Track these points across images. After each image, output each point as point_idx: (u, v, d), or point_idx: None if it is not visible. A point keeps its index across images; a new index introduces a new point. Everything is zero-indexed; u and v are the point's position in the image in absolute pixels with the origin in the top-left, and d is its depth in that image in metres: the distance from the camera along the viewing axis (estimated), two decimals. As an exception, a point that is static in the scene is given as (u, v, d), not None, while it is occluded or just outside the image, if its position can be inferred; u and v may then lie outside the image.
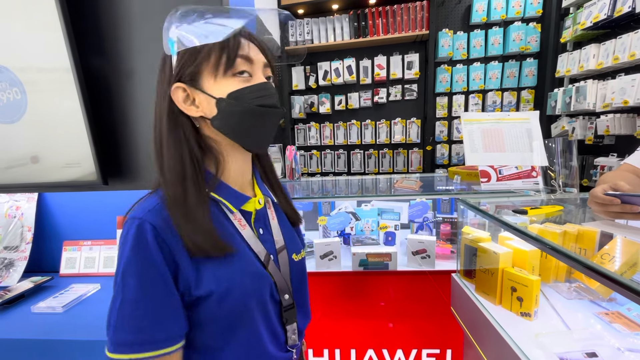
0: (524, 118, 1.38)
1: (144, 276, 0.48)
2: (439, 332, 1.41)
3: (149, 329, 0.48)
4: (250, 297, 0.54)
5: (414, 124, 3.10)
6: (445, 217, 1.71)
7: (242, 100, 0.52)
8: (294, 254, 0.65)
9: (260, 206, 0.62)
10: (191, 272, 0.50)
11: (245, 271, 0.55)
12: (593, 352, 0.78)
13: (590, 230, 1.04)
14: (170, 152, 0.53)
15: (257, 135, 0.56)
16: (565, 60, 2.44)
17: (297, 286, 0.65)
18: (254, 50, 0.54)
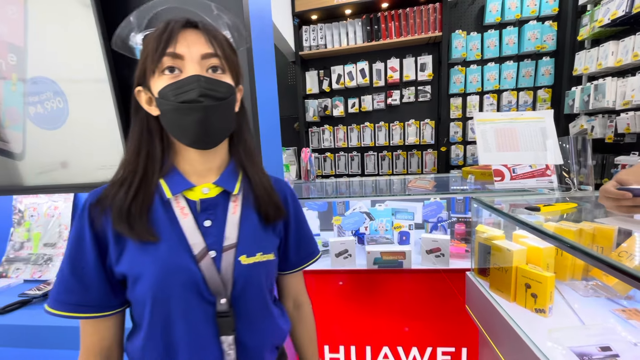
0: (538, 117, 1.38)
1: (73, 246, 0.55)
2: (454, 330, 1.42)
3: (71, 293, 0.54)
4: (160, 289, 0.53)
5: (428, 125, 3.10)
6: (460, 217, 1.71)
7: (166, 98, 0.52)
8: (244, 256, 0.58)
9: (205, 196, 0.59)
10: (116, 249, 0.54)
11: (159, 260, 0.53)
12: (607, 346, 0.78)
13: (607, 227, 1.04)
14: (130, 148, 0.58)
15: (188, 131, 0.54)
16: (583, 58, 2.40)
17: (241, 293, 0.57)
18: (189, 43, 0.53)
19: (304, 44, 3.09)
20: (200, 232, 0.57)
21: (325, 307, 1.49)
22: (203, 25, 0.55)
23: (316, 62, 3.23)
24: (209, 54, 0.54)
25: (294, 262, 0.71)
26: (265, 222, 0.63)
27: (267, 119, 1.13)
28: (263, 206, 0.62)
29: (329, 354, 1.52)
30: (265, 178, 0.65)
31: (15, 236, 1.28)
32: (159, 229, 0.55)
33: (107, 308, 0.56)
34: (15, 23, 0.92)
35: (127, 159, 0.57)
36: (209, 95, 0.52)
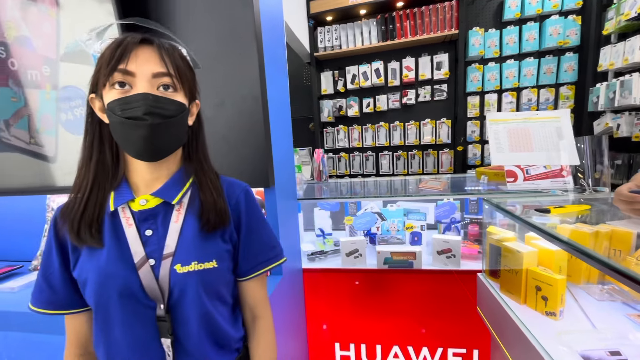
0: (554, 116, 1.35)
1: (44, 255, 0.63)
2: (466, 331, 1.41)
3: (42, 293, 0.63)
4: (99, 294, 0.58)
5: (444, 125, 3.06)
6: (473, 218, 1.70)
7: (113, 112, 0.55)
8: (179, 265, 0.60)
9: (142, 207, 0.61)
10: (73, 257, 0.61)
11: (99, 268, 0.58)
12: (617, 351, 0.77)
13: (625, 230, 1.02)
14: (82, 154, 0.61)
15: (132, 144, 0.56)
16: (608, 54, 2.30)
17: (178, 300, 0.60)
18: (141, 61, 0.55)
19: (319, 45, 3.12)
20: (141, 241, 0.60)
21: (335, 305, 1.52)
22: (159, 43, 0.57)
23: (331, 63, 3.25)
24: (160, 73, 0.56)
25: (246, 269, 0.70)
26: (207, 230, 0.63)
27: (278, 119, 1.17)
28: (205, 213, 0.62)
29: (339, 351, 1.55)
30: (216, 190, 0.65)
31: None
32: (105, 238, 0.59)
33: (74, 306, 0.64)
34: (49, 37, 1.01)
35: (80, 166, 0.61)
36: (155, 113, 0.55)
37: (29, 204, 1.41)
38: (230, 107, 1.02)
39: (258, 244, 0.70)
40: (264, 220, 0.73)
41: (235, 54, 1.00)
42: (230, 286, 0.69)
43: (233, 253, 0.68)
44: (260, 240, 0.70)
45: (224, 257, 0.65)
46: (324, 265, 1.51)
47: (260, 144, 1.02)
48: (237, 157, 1.04)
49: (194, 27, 1.02)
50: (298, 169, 1.81)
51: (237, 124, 1.03)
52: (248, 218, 0.69)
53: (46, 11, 0.99)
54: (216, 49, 1.00)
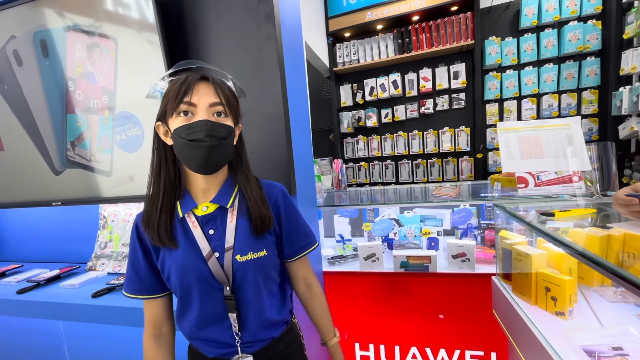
0: (564, 124, 1.40)
1: (130, 253, 0.79)
2: (483, 334, 1.45)
3: (132, 282, 0.79)
4: (182, 281, 0.73)
5: (463, 132, 3.09)
6: (489, 224, 1.74)
7: (179, 135, 0.67)
8: (239, 255, 0.75)
9: (204, 212, 0.76)
10: (155, 253, 0.76)
11: (179, 262, 0.73)
12: (619, 347, 0.81)
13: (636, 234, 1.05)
14: (153, 171, 0.75)
15: (194, 161, 0.69)
16: (630, 57, 2.28)
17: (240, 283, 0.76)
18: (201, 94, 0.68)
19: (337, 60, 3.27)
20: (206, 238, 0.75)
21: (354, 307, 1.60)
22: (213, 79, 0.71)
23: (349, 77, 3.39)
24: (215, 103, 0.69)
25: (290, 253, 0.85)
26: (257, 233, 0.77)
27: (299, 134, 1.31)
28: (254, 220, 0.77)
29: (359, 351, 1.62)
30: (257, 193, 0.79)
31: (100, 237, 1.59)
32: (179, 238, 0.75)
33: (156, 292, 0.80)
34: (108, 72, 1.21)
35: (152, 181, 0.75)
36: (213, 135, 0.68)
37: (84, 212, 1.63)
38: (258, 126, 1.16)
39: (296, 233, 0.85)
40: (299, 214, 0.87)
41: (262, 80, 1.15)
42: (278, 267, 0.84)
43: (277, 242, 0.83)
44: (298, 230, 0.86)
45: (271, 247, 0.80)
46: (343, 269, 1.61)
47: (283, 157, 1.16)
48: (264, 169, 1.18)
49: (226, 58, 1.18)
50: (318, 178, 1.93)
51: (264, 140, 1.17)
52: (287, 213, 0.83)
53: (107, 51, 1.18)
54: (246, 76, 1.16)
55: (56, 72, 1.26)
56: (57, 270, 1.49)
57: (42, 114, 1.32)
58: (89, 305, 1.19)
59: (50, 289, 1.34)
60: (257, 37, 1.13)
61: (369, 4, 3.04)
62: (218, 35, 1.18)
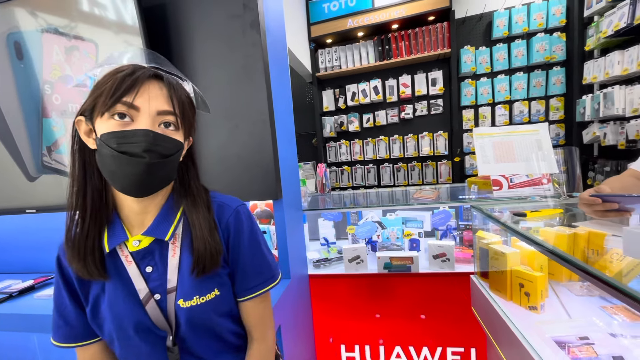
0: (533, 130, 1.49)
1: (55, 293, 0.64)
2: (463, 331, 1.51)
3: (60, 329, 0.64)
4: (117, 331, 0.60)
5: (441, 137, 3.21)
6: (467, 225, 1.81)
7: (108, 143, 0.52)
8: (181, 300, 0.61)
9: (136, 248, 0.61)
10: (82, 292, 0.62)
11: (113, 307, 0.60)
12: (585, 336, 0.88)
13: (600, 232, 1.13)
14: (76, 179, 0.58)
15: (121, 180, 0.54)
16: (591, 68, 2.45)
17: (186, 332, 0.62)
18: (149, 96, 0.53)
19: (320, 65, 3.32)
20: (143, 278, 0.61)
21: (339, 309, 1.63)
22: (168, 80, 0.56)
23: (332, 82, 3.45)
24: (166, 111, 0.54)
25: (238, 292, 0.68)
26: (201, 273, 0.62)
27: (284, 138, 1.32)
28: (199, 260, 0.61)
29: (345, 353, 1.64)
30: (205, 220, 0.63)
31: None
32: (110, 273, 0.60)
33: (90, 337, 0.65)
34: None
35: (74, 193, 0.58)
36: (154, 150, 0.53)
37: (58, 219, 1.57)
38: (244, 130, 1.17)
39: (248, 267, 0.67)
40: (256, 242, 0.68)
41: (247, 84, 1.16)
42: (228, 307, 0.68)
43: (230, 274, 0.67)
44: (250, 264, 0.68)
45: (225, 282, 0.65)
46: (328, 272, 1.63)
47: (269, 161, 1.17)
48: (249, 173, 1.19)
49: (211, 63, 1.19)
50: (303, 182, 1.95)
51: (249, 144, 1.18)
52: (236, 242, 0.66)
53: (87, 54, 1.16)
54: (232, 80, 1.17)
55: (31, 75, 1.22)
56: (30, 280, 1.42)
57: (15, 118, 1.28)
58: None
59: (24, 301, 1.28)
60: (242, 44, 1.15)
61: (350, 12, 3.11)
62: (203, 41, 1.19)
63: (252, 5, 1.14)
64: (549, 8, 2.76)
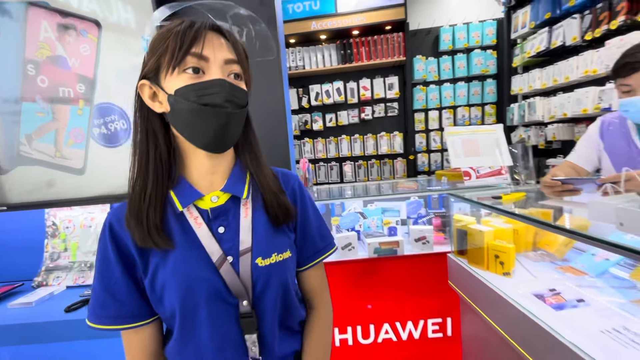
0: (492, 130, 1.78)
1: (100, 266, 0.57)
2: (440, 304, 1.73)
3: (105, 307, 0.56)
4: (186, 299, 0.54)
5: (397, 137, 3.51)
6: (435, 212, 2.06)
7: (186, 98, 0.50)
8: (260, 258, 0.58)
9: (214, 204, 0.59)
10: (141, 262, 0.56)
11: (180, 272, 0.54)
12: (554, 289, 1.13)
13: (546, 211, 1.43)
14: (137, 147, 0.56)
15: (205, 134, 0.53)
16: (517, 81, 2.97)
17: (261, 294, 0.58)
18: (214, 46, 0.52)
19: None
20: (215, 239, 0.57)
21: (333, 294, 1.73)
22: (226, 31, 0.55)
23: (296, 81, 3.52)
24: (231, 60, 0.53)
25: (302, 259, 0.68)
26: (276, 225, 0.62)
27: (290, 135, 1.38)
28: (272, 210, 0.61)
29: (338, 335, 1.75)
30: (272, 180, 0.63)
31: (50, 248, 1.36)
32: (176, 240, 0.55)
33: (144, 317, 0.58)
34: (86, 58, 1.09)
35: (137, 164, 0.56)
36: (232, 101, 0.52)
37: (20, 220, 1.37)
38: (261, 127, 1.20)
39: (315, 230, 0.68)
40: (316, 209, 0.71)
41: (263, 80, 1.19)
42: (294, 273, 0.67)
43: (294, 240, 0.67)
44: (317, 227, 0.69)
45: (293, 246, 0.65)
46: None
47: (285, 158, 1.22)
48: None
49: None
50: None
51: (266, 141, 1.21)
52: (303, 207, 0.67)
53: (86, 34, 1.07)
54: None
55: (8, 53, 1.08)
56: (-8, 291, 1.23)
57: (-19, 101, 1.10)
58: (65, 322, 1.04)
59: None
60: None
61: (314, 15, 3.23)
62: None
63: (268, 1, 1.18)
64: (483, 28, 3.24)
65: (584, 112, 2.17)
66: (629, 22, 1.84)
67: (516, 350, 1.08)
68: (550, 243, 1.48)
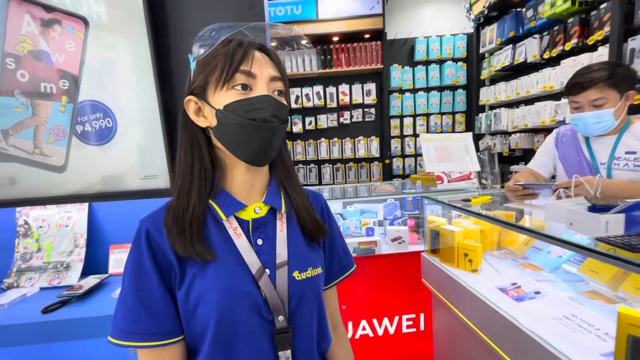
0: (462, 137, 1.92)
1: (134, 275, 0.54)
2: (414, 300, 1.84)
3: (137, 321, 0.52)
4: (225, 313, 0.53)
5: (374, 141, 3.64)
6: (410, 214, 2.18)
7: (235, 113, 0.53)
8: (297, 272, 0.59)
9: (256, 215, 0.60)
10: (179, 271, 0.54)
11: (222, 284, 0.53)
12: (515, 283, 1.25)
13: (510, 213, 1.57)
14: (182, 159, 0.58)
15: (251, 148, 0.55)
16: (485, 93, 3.18)
17: (298, 309, 0.58)
18: (261, 64, 0.54)
19: (264, 66, 3.38)
20: (254, 250, 0.57)
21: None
22: (271, 49, 0.58)
23: (275, 84, 3.54)
24: (276, 77, 0.56)
25: (327, 277, 0.69)
26: (310, 240, 0.63)
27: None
28: (306, 225, 0.62)
29: (317, 333, 1.80)
30: (304, 196, 0.65)
31: (22, 248, 1.31)
32: (216, 249, 0.55)
33: (177, 333, 0.55)
34: (71, 54, 1.08)
35: (182, 174, 0.58)
36: (278, 116, 0.55)
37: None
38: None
39: (338, 250, 0.71)
40: (339, 227, 0.73)
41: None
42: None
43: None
44: (338, 247, 0.71)
45: (323, 263, 0.66)
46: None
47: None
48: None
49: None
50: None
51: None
52: (330, 225, 0.69)
53: (72, 30, 1.06)
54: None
55: (-15, 44, 1.04)
56: (-41, 294, 1.16)
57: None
58: (43, 323, 1.02)
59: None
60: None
61: (295, 19, 3.28)
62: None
63: (257, 7, 1.22)
64: (455, 42, 3.44)
65: (543, 124, 2.39)
66: (580, 44, 2.05)
67: (482, 339, 1.18)
68: (512, 242, 1.62)
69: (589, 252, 0.81)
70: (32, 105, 1.09)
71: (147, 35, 1.09)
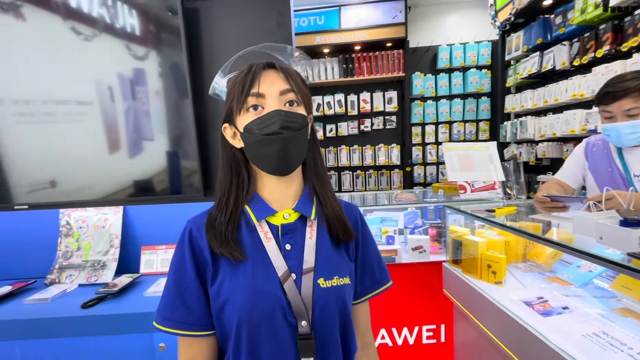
0: (486, 146, 1.89)
1: (176, 269, 0.61)
2: (435, 311, 1.81)
3: (176, 311, 0.59)
4: (250, 313, 0.56)
5: (395, 149, 3.63)
6: (432, 223, 2.16)
7: (251, 132, 0.58)
8: (322, 279, 0.60)
9: (286, 221, 0.63)
10: (212, 269, 0.59)
11: (248, 283, 0.57)
12: (541, 297, 1.22)
13: (536, 224, 1.53)
14: (222, 176, 0.65)
15: (270, 160, 0.59)
16: (510, 100, 3.11)
17: (321, 316, 0.59)
18: (271, 81, 0.59)
19: (287, 75, 3.47)
20: (282, 255, 0.60)
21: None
22: (279, 65, 0.61)
23: (298, 92, 3.62)
24: (286, 90, 0.59)
25: (359, 291, 0.69)
26: (337, 244, 0.65)
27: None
28: (334, 230, 0.64)
29: (336, 340, 1.81)
30: (337, 204, 0.67)
31: (63, 247, 1.41)
32: (247, 251, 0.60)
33: (207, 327, 0.60)
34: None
35: (222, 185, 0.64)
36: (288, 127, 0.57)
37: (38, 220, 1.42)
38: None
39: (373, 264, 0.71)
40: (374, 241, 0.73)
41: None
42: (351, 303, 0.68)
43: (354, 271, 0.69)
44: (373, 261, 0.71)
45: (353, 275, 0.67)
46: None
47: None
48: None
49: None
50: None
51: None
52: (364, 238, 0.70)
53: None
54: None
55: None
56: (8, 287, 1.27)
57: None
58: (82, 317, 1.09)
59: (11, 306, 1.16)
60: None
61: (318, 29, 3.36)
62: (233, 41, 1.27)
63: (285, 23, 1.27)
64: (479, 49, 3.40)
65: (572, 133, 2.31)
66: (613, 51, 1.98)
67: (505, 353, 1.15)
68: (539, 254, 1.57)
69: (619, 267, 0.79)
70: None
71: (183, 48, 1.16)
